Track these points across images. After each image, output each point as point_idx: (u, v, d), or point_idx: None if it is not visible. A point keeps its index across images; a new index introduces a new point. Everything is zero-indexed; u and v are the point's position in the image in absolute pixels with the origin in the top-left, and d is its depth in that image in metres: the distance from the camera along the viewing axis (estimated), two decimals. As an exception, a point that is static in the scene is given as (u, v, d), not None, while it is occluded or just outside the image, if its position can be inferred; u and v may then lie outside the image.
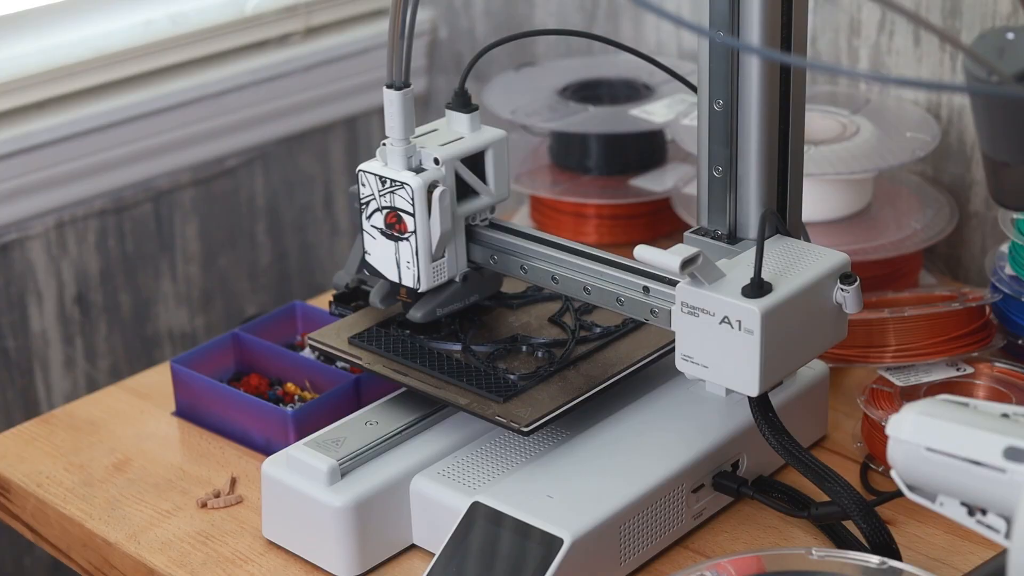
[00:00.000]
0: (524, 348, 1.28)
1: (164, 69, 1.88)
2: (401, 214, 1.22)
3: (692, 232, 1.23)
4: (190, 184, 1.93)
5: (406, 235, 1.23)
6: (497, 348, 1.28)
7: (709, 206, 1.22)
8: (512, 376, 1.24)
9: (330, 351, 1.30)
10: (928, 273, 1.61)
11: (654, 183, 1.69)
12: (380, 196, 1.23)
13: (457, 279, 1.28)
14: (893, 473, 0.96)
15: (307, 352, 1.42)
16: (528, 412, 1.19)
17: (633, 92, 1.76)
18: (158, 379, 1.48)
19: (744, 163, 1.19)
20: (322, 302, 1.56)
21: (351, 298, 1.37)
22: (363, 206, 1.25)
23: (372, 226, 1.25)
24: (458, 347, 1.28)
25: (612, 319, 1.32)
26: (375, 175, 1.23)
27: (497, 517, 1.14)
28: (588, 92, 1.77)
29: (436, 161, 1.22)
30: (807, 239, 1.25)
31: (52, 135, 1.77)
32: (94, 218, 1.84)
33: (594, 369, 1.26)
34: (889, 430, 0.95)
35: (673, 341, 1.27)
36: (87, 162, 1.81)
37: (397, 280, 1.25)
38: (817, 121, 1.58)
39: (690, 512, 1.21)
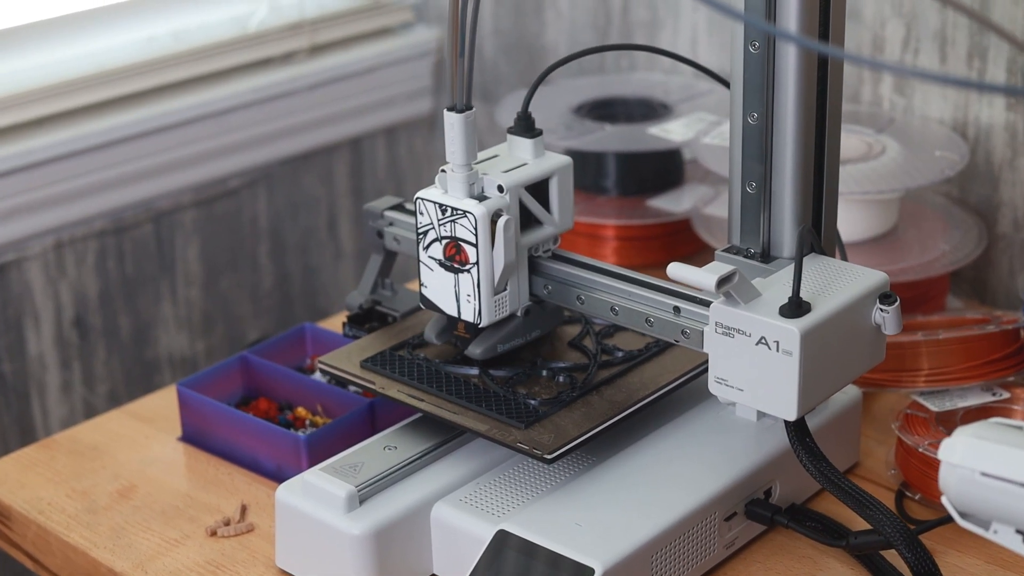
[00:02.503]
0: (544, 372, 1.23)
1: (166, 87, 1.84)
2: (462, 244, 1.16)
3: (724, 251, 1.19)
4: (192, 205, 1.89)
5: (467, 267, 1.16)
6: (516, 372, 1.23)
7: (742, 224, 1.18)
8: (533, 401, 1.19)
9: (342, 375, 1.25)
10: (955, 297, 1.57)
11: (672, 203, 1.65)
12: (439, 225, 1.17)
13: (519, 313, 1.22)
14: (944, 500, 0.92)
15: (318, 375, 1.38)
16: (551, 439, 1.15)
17: (650, 111, 1.72)
18: (162, 403, 1.44)
19: (779, 179, 1.15)
20: (328, 326, 1.52)
21: (365, 319, 1.33)
22: (420, 236, 1.18)
23: (430, 257, 1.18)
24: (475, 371, 1.23)
25: (634, 343, 1.27)
26: (434, 203, 1.16)
27: (523, 546, 1.09)
28: (603, 111, 1.73)
29: (500, 188, 1.16)
30: (844, 257, 1.21)
31: (50, 153, 1.73)
32: (93, 239, 1.80)
33: (618, 394, 1.21)
34: (941, 454, 0.91)
35: (700, 364, 1.24)
36: (86, 181, 1.77)
37: (456, 314, 1.19)
38: (842, 140, 1.53)
39: (722, 541, 1.17)
